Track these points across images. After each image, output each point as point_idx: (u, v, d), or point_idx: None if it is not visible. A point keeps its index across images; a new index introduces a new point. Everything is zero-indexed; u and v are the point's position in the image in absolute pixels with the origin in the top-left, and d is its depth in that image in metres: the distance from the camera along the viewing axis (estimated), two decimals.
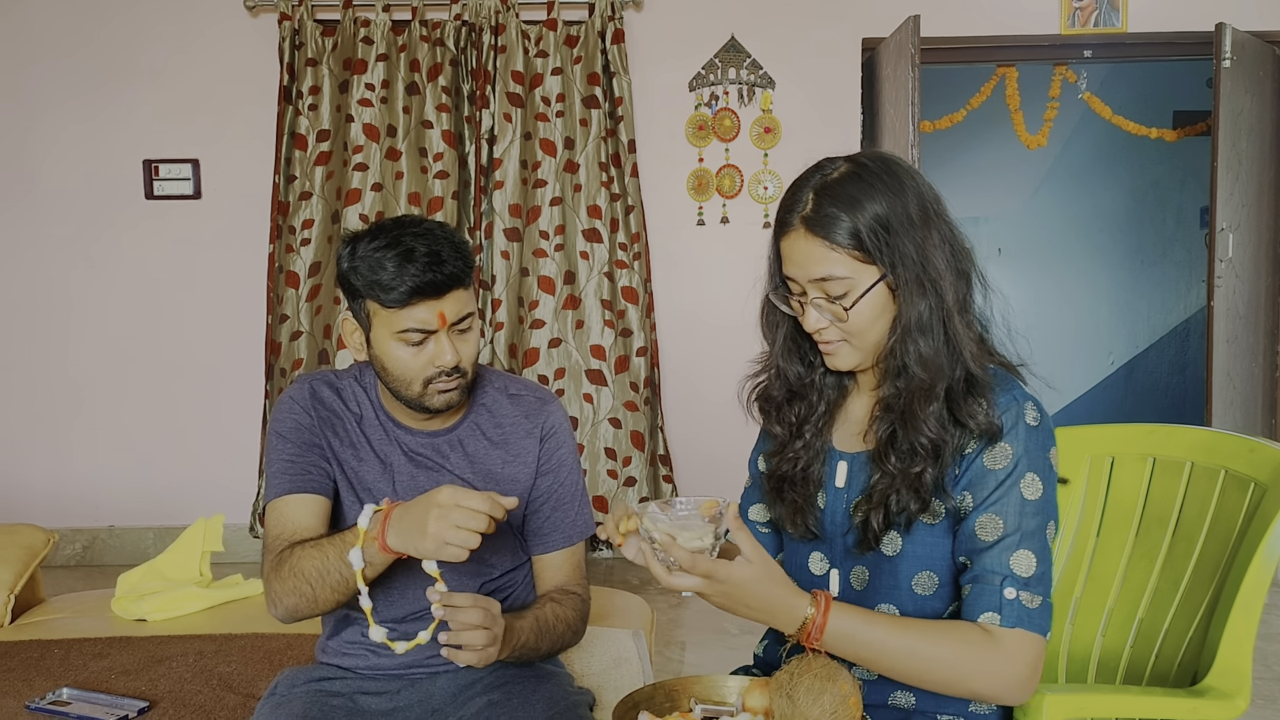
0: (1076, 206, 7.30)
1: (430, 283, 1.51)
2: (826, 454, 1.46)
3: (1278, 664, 3.37)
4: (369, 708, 1.63)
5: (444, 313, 1.54)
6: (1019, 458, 1.31)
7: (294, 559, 1.53)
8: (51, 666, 2.17)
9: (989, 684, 1.28)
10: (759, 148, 4.61)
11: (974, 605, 1.30)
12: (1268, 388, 4.79)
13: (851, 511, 1.40)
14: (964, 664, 1.27)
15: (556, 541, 1.74)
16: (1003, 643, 1.27)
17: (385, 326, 1.55)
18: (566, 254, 4.53)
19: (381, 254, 1.52)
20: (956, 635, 1.28)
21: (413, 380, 1.58)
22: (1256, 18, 4.55)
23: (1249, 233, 4.61)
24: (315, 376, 1.71)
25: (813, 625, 1.25)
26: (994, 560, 1.29)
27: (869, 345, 1.35)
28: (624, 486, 4.51)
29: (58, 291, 4.68)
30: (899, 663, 1.28)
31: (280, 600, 1.55)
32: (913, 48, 4.16)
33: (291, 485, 1.62)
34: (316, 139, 4.49)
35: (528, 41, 4.50)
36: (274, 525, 1.61)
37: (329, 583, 1.50)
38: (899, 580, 1.37)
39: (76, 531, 4.69)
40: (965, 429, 1.32)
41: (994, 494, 1.30)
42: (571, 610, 1.70)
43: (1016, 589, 1.28)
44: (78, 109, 4.63)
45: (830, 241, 1.31)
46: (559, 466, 1.73)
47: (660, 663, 3.35)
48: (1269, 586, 1.44)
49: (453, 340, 1.56)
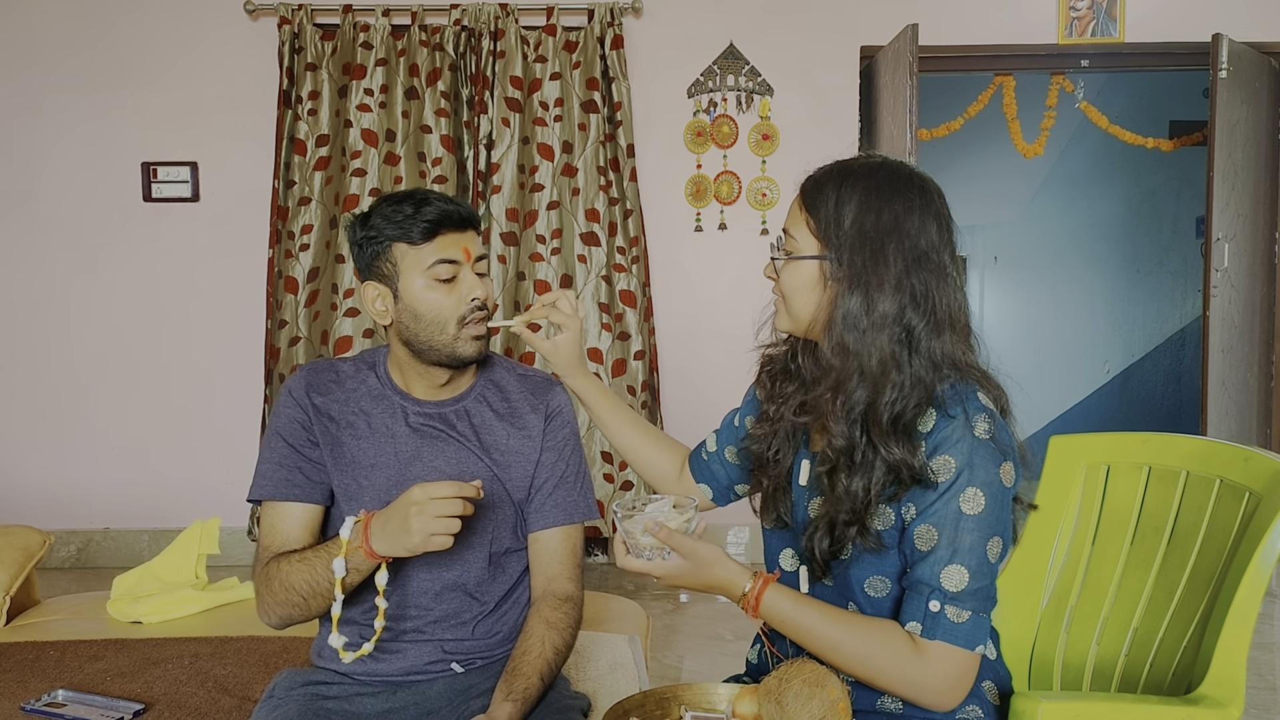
0: (1073, 215, 7.32)
1: (453, 214, 1.62)
2: (799, 448, 1.49)
3: (1270, 673, 3.38)
4: (364, 710, 1.63)
5: (468, 247, 1.64)
6: (961, 470, 1.30)
7: (282, 574, 1.57)
8: (47, 668, 2.17)
9: (906, 689, 1.33)
10: (757, 154, 4.62)
11: (904, 612, 1.34)
12: (1263, 397, 4.81)
13: (802, 534, 1.44)
14: (884, 666, 1.33)
15: (556, 517, 1.75)
16: (924, 652, 1.31)
17: (415, 268, 1.62)
18: (564, 258, 4.54)
19: (400, 204, 1.63)
20: (882, 637, 1.33)
21: (448, 321, 1.62)
22: (1253, 29, 4.57)
23: (1244, 243, 4.63)
24: (316, 364, 1.75)
25: (748, 601, 1.37)
26: (925, 571, 1.32)
27: (796, 312, 1.41)
28: (620, 490, 4.52)
29: (55, 293, 4.68)
30: (827, 653, 1.36)
31: (272, 611, 1.61)
32: (911, 56, 4.18)
33: (277, 491, 1.65)
34: (316, 144, 4.50)
35: (527, 47, 4.51)
36: (265, 533, 1.66)
37: (319, 592, 1.55)
38: (851, 583, 1.40)
39: (72, 533, 4.69)
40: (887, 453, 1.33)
41: (933, 505, 1.31)
42: (568, 631, 1.69)
43: (942, 602, 1.30)
44: (77, 111, 4.63)
45: (803, 203, 1.40)
46: (563, 445, 1.77)
47: (656, 669, 3.35)
48: (1263, 596, 1.45)
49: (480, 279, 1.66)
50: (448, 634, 1.69)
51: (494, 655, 1.72)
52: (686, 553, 1.35)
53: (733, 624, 3.85)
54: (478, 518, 1.66)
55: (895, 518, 1.35)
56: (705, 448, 1.73)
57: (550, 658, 1.63)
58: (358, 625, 1.68)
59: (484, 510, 1.68)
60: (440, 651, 1.68)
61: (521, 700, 1.56)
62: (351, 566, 1.51)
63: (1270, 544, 1.44)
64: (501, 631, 1.73)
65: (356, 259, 1.68)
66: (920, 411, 1.33)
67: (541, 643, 1.64)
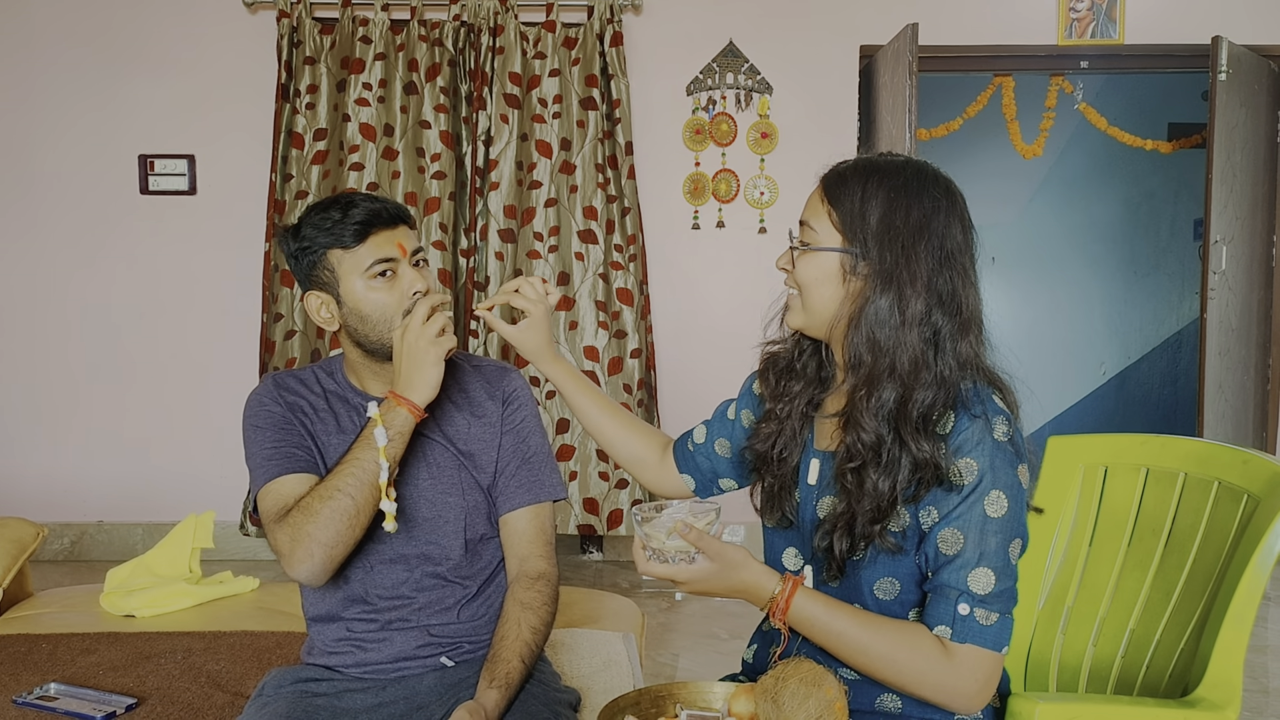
0: (1071, 217, 7.32)
1: (378, 212, 1.63)
2: (805, 447, 1.48)
3: (1263, 675, 3.38)
4: (354, 706, 1.64)
5: (401, 243, 1.65)
6: (984, 473, 1.31)
7: (322, 489, 1.56)
8: (39, 661, 2.16)
9: (936, 693, 1.33)
10: (755, 153, 4.61)
11: (931, 616, 1.33)
12: (1259, 400, 4.81)
13: (814, 532, 1.43)
14: (915, 671, 1.32)
15: (523, 498, 1.75)
16: (954, 656, 1.31)
17: (353, 272, 1.63)
18: (561, 255, 4.53)
19: (326, 211, 1.64)
20: (912, 642, 1.33)
21: (393, 317, 1.63)
22: (1253, 31, 4.57)
23: (1242, 245, 4.63)
24: (276, 374, 1.77)
25: (775, 606, 1.35)
26: (953, 575, 1.32)
27: (813, 307, 1.40)
28: (616, 489, 4.51)
29: (50, 284, 4.67)
30: (854, 657, 1.35)
31: (317, 537, 1.54)
32: (910, 56, 4.17)
33: (280, 468, 1.63)
34: (313, 138, 4.49)
35: (526, 43, 4.50)
36: (274, 501, 1.61)
37: (368, 481, 1.55)
38: (861, 585, 1.40)
39: (65, 526, 4.67)
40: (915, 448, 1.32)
41: (957, 509, 1.32)
42: (544, 609, 1.70)
43: (971, 605, 1.31)
44: (75, 102, 4.61)
45: (826, 195, 1.39)
46: (521, 425, 1.78)
47: (650, 667, 3.34)
48: (1261, 599, 1.45)
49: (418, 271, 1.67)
50: (433, 619, 1.70)
51: (481, 641, 1.73)
52: (714, 554, 1.33)
53: (728, 623, 3.85)
54: (451, 505, 1.69)
55: (912, 520, 1.35)
56: (693, 438, 1.71)
57: (529, 638, 1.65)
58: (346, 621, 1.69)
59: (457, 498, 1.71)
60: (427, 636, 1.69)
61: (505, 684, 1.58)
62: (393, 433, 1.55)
63: (1268, 547, 1.44)
64: (486, 614, 1.74)
65: (294, 271, 1.69)
66: (943, 412, 1.34)
67: (518, 625, 1.65)
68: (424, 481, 1.70)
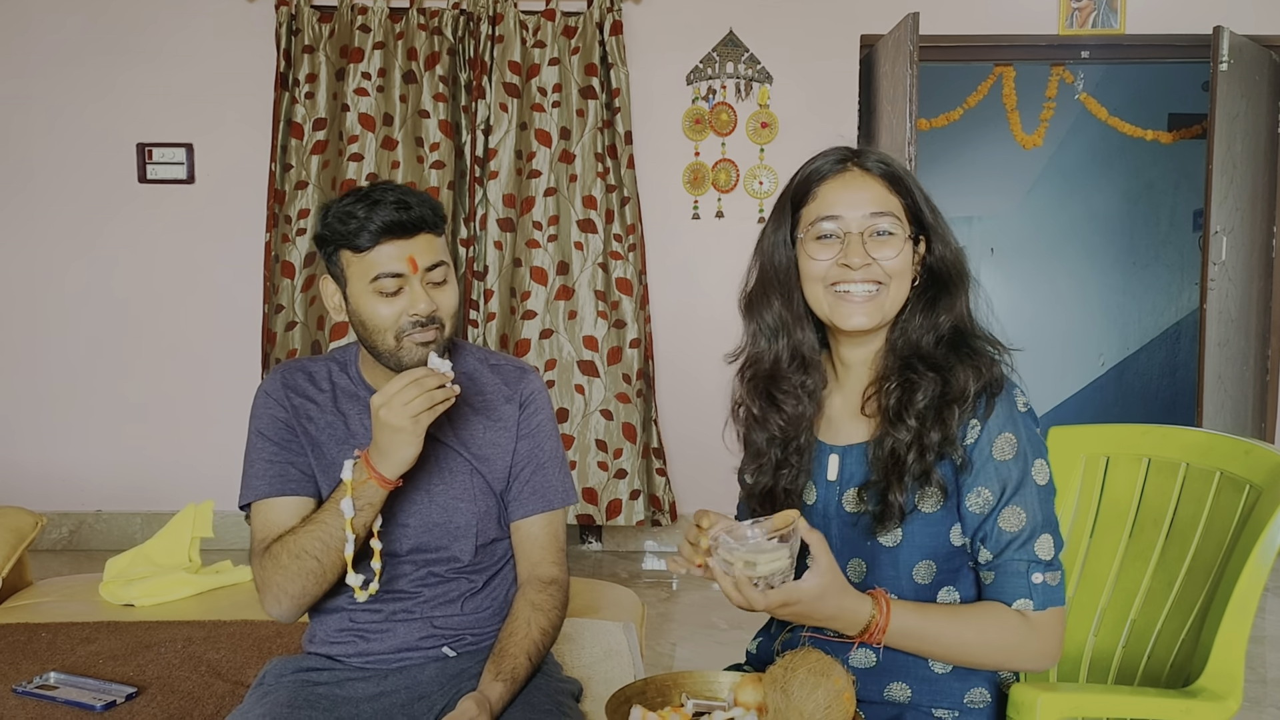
0: (1070, 207, 7.32)
1: (397, 222, 1.54)
2: (815, 449, 1.48)
3: (1261, 665, 3.39)
4: (355, 695, 1.63)
5: (414, 256, 1.56)
6: (1024, 446, 1.37)
7: (289, 545, 1.56)
8: (39, 650, 2.16)
9: (1029, 662, 1.38)
10: (755, 143, 4.60)
11: (1007, 591, 1.37)
12: (1258, 391, 4.81)
13: (859, 495, 1.42)
14: (1009, 649, 1.37)
15: (536, 505, 1.74)
16: (1037, 625, 1.36)
17: (360, 277, 1.58)
18: (560, 245, 4.52)
19: (352, 204, 1.57)
20: (999, 622, 1.36)
21: (385, 331, 1.59)
22: (1254, 22, 4.56)
23: (1242, 236, 4.62)
24: (288, 365, 1.74)
25: (875, 627, 1.33)
26: (1021, 550, 1.36)
27: (896, 297, 1.41)
28: (614, 479, 4.51)
29: (49, 272, 4.66)
30: (951, 653, 1.38)
31: (284, 590, 1.57)
32: (911, 45, 4.16)
33: (272, 488, 1.64)
34: (313, 127, 4.47)
35: (525, 32, 4.48)
36: (260, 528, 1.63)
37: (333, 546, 1.55)
38: (899, 570, 1.40)
39: (64, 515, 4.67)
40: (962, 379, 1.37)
41: (1013, 487, 1.36)
42: (554, 612, 1.70)
43: (1042, 573, 1.36)
44: (73, 91, 4.60)
45: (893, 187, 1.41)
46: (537, 431, 1.75)
47: (650, 656, 3.35)
48: (1262, 589, 1.45)
49: (428, 290, 1.58)
50: (437, 611, 1.69)
51: (484, 633, 1.72)
52: (823, 570, 1.27)
53: (728, 613, 3.85)
54: (463, 511, 1.68)
55: (946, 495, 1.37)
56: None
57: (537, 638, 1.65)
58: (346, 611, 1.69)
59: (469, 504, 1.69)
60: (430, 627, 1.68)
61: (510, 679, 1.58)
62: (361, 504, 1.52)
63: (1270, 537, 1.43)
64: (491, 607, 1.74)
65: (316, 243, 1.66)
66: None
67: (528, 624, 1.65)
68: (436, 487, 1.68)
